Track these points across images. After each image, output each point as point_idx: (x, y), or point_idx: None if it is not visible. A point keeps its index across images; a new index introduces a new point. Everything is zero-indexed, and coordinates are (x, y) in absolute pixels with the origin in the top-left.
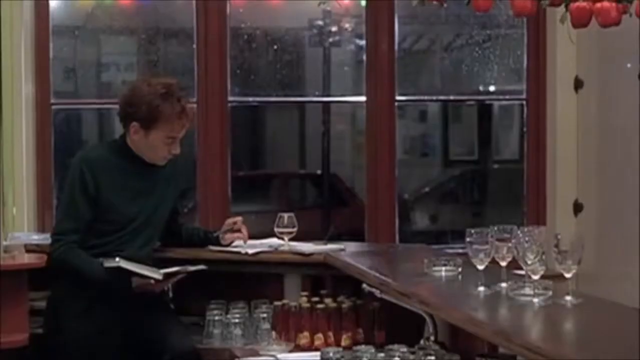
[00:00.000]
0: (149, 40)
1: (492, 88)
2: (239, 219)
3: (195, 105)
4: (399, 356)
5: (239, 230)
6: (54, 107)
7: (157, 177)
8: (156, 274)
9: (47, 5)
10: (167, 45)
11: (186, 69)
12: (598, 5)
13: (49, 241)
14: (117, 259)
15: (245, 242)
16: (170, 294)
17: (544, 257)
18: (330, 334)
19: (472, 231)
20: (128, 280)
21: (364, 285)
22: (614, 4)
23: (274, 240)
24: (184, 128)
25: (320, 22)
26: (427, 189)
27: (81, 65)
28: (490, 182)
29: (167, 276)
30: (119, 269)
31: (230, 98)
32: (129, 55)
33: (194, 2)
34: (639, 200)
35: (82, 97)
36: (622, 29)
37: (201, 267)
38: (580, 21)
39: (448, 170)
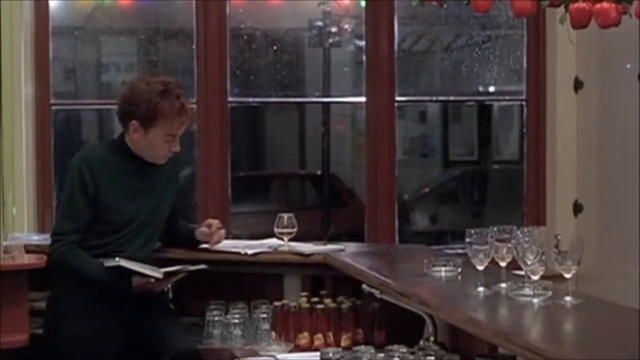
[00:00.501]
0: (149, 41)
1: (491, 89)
2: (215, 222)
3: (195, 106)
4: (398, 356)
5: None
6: (53, 107)
7: (156, 176)
8: (156, 272)
9: (47, 5)
10: (166, 46)
11: (186, 69)
12: (598, 6)
13: (48, 241)
14: (117, 258)
15: (213, 244)
16: (170, 295)
17: (543, 257)
18: (330, 334)
19: (472, 231)
20: (128, 279)
21: (364, 286)
22: (613, 5)
23: (273, 241)
24: (183, 125)
25: (320, 23)
26: (427, 190)
27: (81, 65)
28: (490, 183)
29: (168, 275)
30: (119, 268)
31: (230, 98)
32: (128, 55)
33: (193, 2)
34: (639, 200)
35: (82, 98)
36: (622, 30)
37: (202, 266)
38: (579, 22)
39: (448, 171)
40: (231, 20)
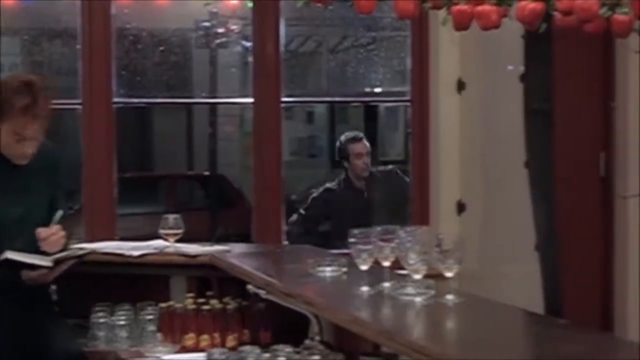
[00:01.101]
0: (33, 41)
1: (377, 89)
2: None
3: (80, 107)
4: (284, 356)
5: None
6: None
7: (26, 174)
8: (46, 261)
9: None
10: (51, 46)
11: (71, 69)
12: (479, 8)
13: None
14: (6, 252)
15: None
16: (55, 296)
17: (426, 257)
18: (216, 335)
19: (356, 231)
20: (18, 275)
21: (250, 286)
22: (494, 8)
23: (159, 242)
24: (29, 125)
25: (206, 24)
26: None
27: None
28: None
29: (58, 263)
30: (7, 262)
31: (116, 99)
32: (12, 55)
33: (78, 2)
34: (521, 200)
35: None
36: (503, 32)
37: (89, 250)
38: (461, 24)
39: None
40: (117, 20)
